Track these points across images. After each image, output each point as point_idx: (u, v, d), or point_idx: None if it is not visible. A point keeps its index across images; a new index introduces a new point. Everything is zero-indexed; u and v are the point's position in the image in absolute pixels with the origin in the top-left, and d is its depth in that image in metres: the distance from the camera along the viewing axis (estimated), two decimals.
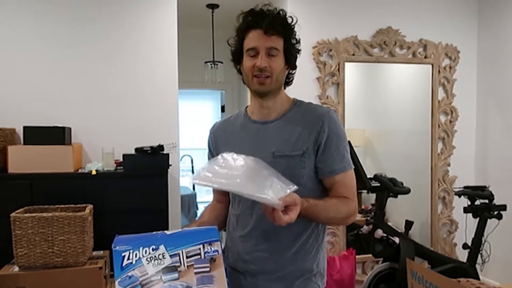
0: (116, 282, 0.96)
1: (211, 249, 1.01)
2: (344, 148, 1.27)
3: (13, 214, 2.17)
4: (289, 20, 1.26)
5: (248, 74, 1.26)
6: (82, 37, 2.89)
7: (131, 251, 0.99)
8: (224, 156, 1.13)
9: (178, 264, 0.99)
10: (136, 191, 2.63)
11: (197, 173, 1.08)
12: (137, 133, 2.94)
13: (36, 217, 2.17)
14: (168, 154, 2.75)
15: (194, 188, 6.59)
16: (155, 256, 0.98)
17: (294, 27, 1.27)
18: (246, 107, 1.39)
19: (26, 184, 2.49)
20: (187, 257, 0.99)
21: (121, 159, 2.72)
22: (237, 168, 1.08)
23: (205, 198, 6.41)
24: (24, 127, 2.58)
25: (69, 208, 2.41)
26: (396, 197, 2.81)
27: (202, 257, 1.00)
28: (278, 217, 1.02)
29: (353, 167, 1.30)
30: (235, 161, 1.11)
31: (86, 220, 2.25)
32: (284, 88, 1.34)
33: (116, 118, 2.94)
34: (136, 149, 2.70)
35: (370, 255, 2.93)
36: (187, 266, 0.99)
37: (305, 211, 1.12)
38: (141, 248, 1.00)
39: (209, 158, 1.45)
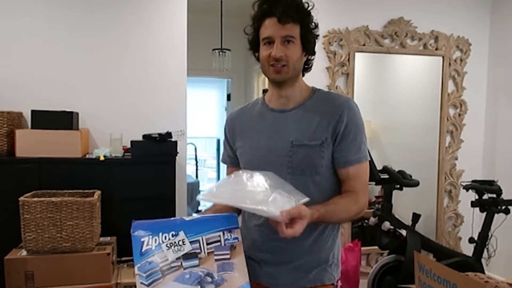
0: (136, 268, 0.95)
1: (231, 236, 1.00)
2: (361, 139, 1.25)
3: (21, 198, 2.16)
4: (305, 6, 1.22)
5: (264, 64, 1.23)
6: (92, 23, 2.85)
7: (150, 236, 0.98)
8: (238, 173, 1.11)
9: (199, 250, 0.98)
10: (144, 177, 2.62)
11: (205, 191, 1.07)
12: (144, 119, 2.92)
13: (45, 201, 2.17)
14: (176, 142, 2.73)
15: (197, 177, 6.60)
16: (175, 242, 0.98)
17: (310, 12, 1.23)
18: (264, 94, 1.37)
19: (34, 168, 2.47)
20: (207, 244, 0.98)
21: (129, 146, 2.70)
22: (242, 183, 1.06)
23: (207, 186, 6.41)
24: (32, 111, 2.56)
25: (77, 193, 2.40)
26: (401, 189, 2.80)
27: (222, 244, 0.99)
28: (280, 230, 1.00)
29: (369, 159, 1.28)
30: (246, 177, 1.09)
31: (95, 206, 2.24)
32: (303, 74, 1.32)
33: (124, 104, 2.91)
34: (144, 136, 2.68)
35: (375, 247, 2.93)
36: (207, 253, 0.98)
37: (316, 221, 1.11)
38: (160, 234, 0.99)
39: (225, 146, 1.43)
